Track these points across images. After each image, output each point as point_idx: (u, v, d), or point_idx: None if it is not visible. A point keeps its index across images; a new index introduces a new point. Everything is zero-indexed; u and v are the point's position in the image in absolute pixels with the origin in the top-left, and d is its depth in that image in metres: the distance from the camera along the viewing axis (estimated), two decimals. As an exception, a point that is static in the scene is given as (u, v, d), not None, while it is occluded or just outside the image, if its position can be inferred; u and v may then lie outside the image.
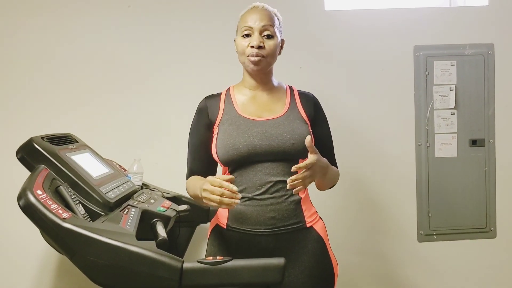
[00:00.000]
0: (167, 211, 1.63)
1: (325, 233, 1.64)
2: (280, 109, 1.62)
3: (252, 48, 1.55)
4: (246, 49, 1.57)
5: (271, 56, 1.59)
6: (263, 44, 1.56)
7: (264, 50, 1.56)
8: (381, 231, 2.45)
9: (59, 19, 2.29)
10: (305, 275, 1.55)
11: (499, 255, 2.49)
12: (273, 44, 1.58)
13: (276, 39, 1.59)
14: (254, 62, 1.56)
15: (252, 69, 1.59)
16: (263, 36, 1.56)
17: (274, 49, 1.58)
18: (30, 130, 1.78)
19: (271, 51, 1.58)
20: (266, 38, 1.57)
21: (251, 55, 1.55)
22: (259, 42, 1.55)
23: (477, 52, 2.43)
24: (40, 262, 2.30)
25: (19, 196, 1.20)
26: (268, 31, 1.57)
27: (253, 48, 1.55)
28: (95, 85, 2.31)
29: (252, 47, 1.55)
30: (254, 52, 1.55)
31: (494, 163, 2.46)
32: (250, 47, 1.55)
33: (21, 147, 1.50)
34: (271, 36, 1.58)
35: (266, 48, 1.56)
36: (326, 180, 1.58)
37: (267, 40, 1.57)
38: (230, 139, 1.54)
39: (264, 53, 1.56)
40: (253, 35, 1.56)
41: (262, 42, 1.56)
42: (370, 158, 2.42)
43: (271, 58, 1.60)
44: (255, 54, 1.55)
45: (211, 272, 1.15)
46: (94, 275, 1.16)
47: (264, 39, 1.57)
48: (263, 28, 1.56)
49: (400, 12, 2.42)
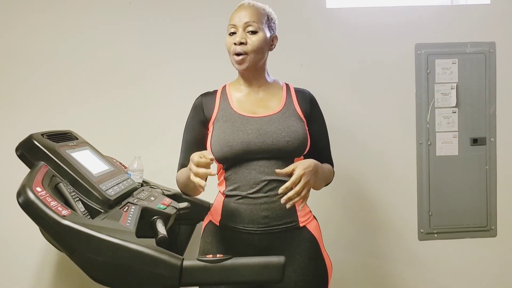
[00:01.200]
0: (167, 208, 1.62)
1: (318, 232, 1.63)
2: (276, 105, 1.61)
3: (235, 45, 1.55)
4: (231, 47, 1.57)
5: (255, 52, 1.56)
6: (245, 40, 1.55)
7: (246, 46, 1.55)
8: (381, 230, 2.44)
9: (59, 16, 2.28)
10: (298, 274, 1.55)
11: (500, 254, 2.48)
12: (257, 40, 1.56)
13: (261, 35, 1.57)
14: (237, 62, 1.56)
15: (238, 69, 1.60)
16: (246, 32, 1.56)
17: (258, 44, 1.56)
18: (30, 127, 1.78)
19: (254, 46, 1.55)
20: (250, 34, 1.56)
21: (234, 53, 1.55)
22: (241, 39, 1.54)
23: (478, 50, 2.42)
24: (39, 259, 2.30)
25: (19, 193, 1.20)
26: (251, 27, 1.56)
27: (235, 45, 1.55)
28: (95, 82, 2.30)
29: (235, 44, 1.55)
30: (237, 49, 1.54)
31: (495, 161, 2.45)
32: (234, 44, 1.55)
33: (21, 144, 1.49)
34: (255, 32, 1.56)
35: (249, 43, 1.55)
36: (318, 180, 1.54)
37: (251, 35, 1.56)
38: (224, 136, 1.54)
39: (246, 49, 1.55)
40: (237, 32, 1.56)
41: (245, 38, 1.55)
42: (371, 156, 2.42)
43: (256, 54, 1.57)
44: (237, 51, 1.54)
45: (211, 270, 1.15)
46: (94, 273, 1.16)
47: (248, 35, 1.56)
48: (246, 25, 1.56)
49: (401, 10, 2.41)
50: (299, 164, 1.43)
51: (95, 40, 2.30)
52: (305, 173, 1.40)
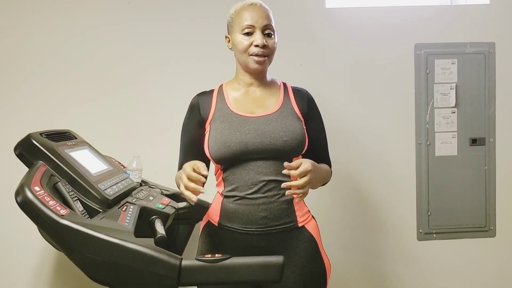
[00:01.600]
0: (166, 208, 1.62)
1: (317, 232, 1.63)
2: (274, 105, 1.61)
3: (257, 47, 1.55)
4: (249, 48, 1.56)
5: (272, 55, 1.61)
6: (266, 42, 1.56)
7: (268, 49, 1.57)
8: (380, 230, 2.44)
9: (59, 16, 2.27)
10: (296, 274, 1.54)
11: (499, 254, 2.48)
12: (274, 43, 1.60)
13: (275, 38, 1.60)
14: (259, 62, 1.57)
15: (255, 69, 1.59)
16: (264, 35, 1.57)
17: (275, 48, 1.61)
18: (29, 127, 1.77)
19: (273, 49, 1.60)
20: (267, 36, 1.58)
21: (256, 54, 1.55)
22: (263, 41, 1.55)
23: (478, 50, 2.42)
24: (38, 259, 2.30)
25: (17, 192, 1.20)
26: (269, 30, 1.58)
27: (257, 47, 1.55)
28: (95, 82, 2.30)
29: (256, 46, 1.55)
30: (260, 51, 1.55)
31: (494, 162, 2.45)
32: (254, 46, 1.55)
33: (19, 143, 1.49)
34: (271, 35, 1.59)
35: (269, 47, 1.57)
36: (315, 180, 1.54)
37: (269, 39, 1.58)
38: (222, 137, 1.53)
39: (268, 52, 1.57)
40: (255, 33, 1.56)
41: (266, 41, 1.56)
42: (370, 156, 2.42)
43: (272, 56, 1.62)
44: (261, 53, 1.55)
45: (210, 269, 1.15)
46: (92, 272, 1.15)
47: (266, 38, 1.57)
48: (265, 27, 1.57)
49: (401, 10, 2.41)
50: (305, 160, 1.43)
51: (94, 40, 2.29)
52: (311, 170, 1.41)
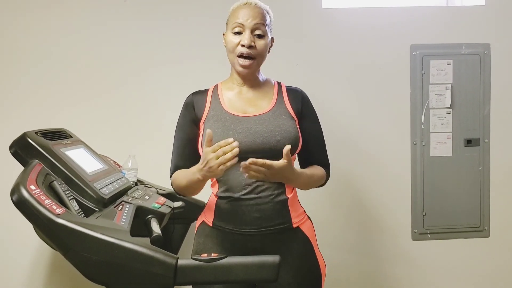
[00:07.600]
0: (162, 207, 1.62)
1: (312, 233, 1.62)
2: (267, 104, 1.60)
3: (243, 47, 1.53)
4: (236, 47, 1.54)
5: (260, 57, 1.57)
6: (254, 43, 1.53)
7: (254, 50, 1.54)
8: (375, 230, 2.45)
9: (54, 15, 2.27)
10: (291, 275, 1.54)
11: (493, 254, 2.50)
12: (264, 44, 1.56)
13: (266, 39, 1.57)
14: (243, 66, 1.54)
15: (241, 72, 1.57)
16: (254, 35, 1.54)
17: (264, 49, 1.57)
18: (24, 125, 1.77)
19: (261, 51, 1.56)
20: (257, 37, 1.54)
21: (241, 55, 1.53)
22: (250, 42, 1.52)
23: (473, 51, 2.44)
24: (33, 258, 2.29)
25: (12, 191, 1.19)
26: (259, 30, 1.54)
27: (243, 47, 1.53)
28: (90, 81, 2.29)
29: (243, 46, 1.53)
30: (245, 51, 1.52)
31: (488, 162, 2.47)
32: (241, 45, 1.53)
33: (15, 142, 1.49)
34: (262, 36, 1.55)
35: (257, 48, 1.54)
36: (301, 186, 1.56)
37: (258, 39, 1.55)
38: (215, 137, 1.51)
39: (254, 53, 1.54)
40: (244, 33, 1.54)
41: (253, 42, 1.53)
42: (365, 156, 2.42)
43: (261, 59, 1.58)
44: (246, 53, 1.53)
45: (206, 269, 1.15)
46: (88, 271, 1.15)
47: (255, 38, 1.54)
48: (255, 27, 1.54)
49: (397, 11, 2.42)
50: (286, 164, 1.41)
51: (90, 39, 2.29)
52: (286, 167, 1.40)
